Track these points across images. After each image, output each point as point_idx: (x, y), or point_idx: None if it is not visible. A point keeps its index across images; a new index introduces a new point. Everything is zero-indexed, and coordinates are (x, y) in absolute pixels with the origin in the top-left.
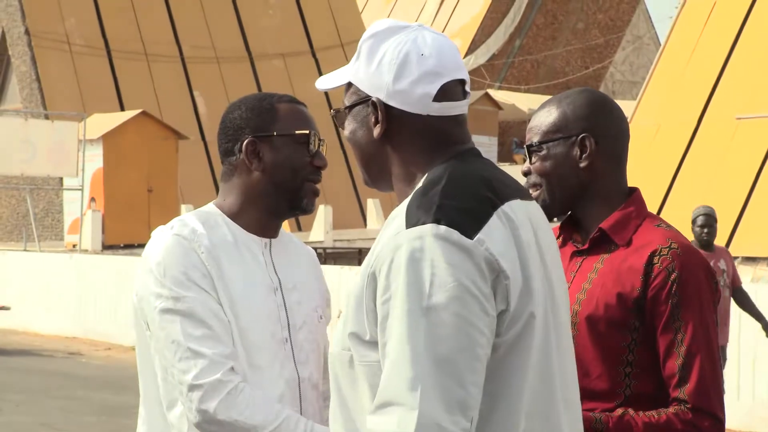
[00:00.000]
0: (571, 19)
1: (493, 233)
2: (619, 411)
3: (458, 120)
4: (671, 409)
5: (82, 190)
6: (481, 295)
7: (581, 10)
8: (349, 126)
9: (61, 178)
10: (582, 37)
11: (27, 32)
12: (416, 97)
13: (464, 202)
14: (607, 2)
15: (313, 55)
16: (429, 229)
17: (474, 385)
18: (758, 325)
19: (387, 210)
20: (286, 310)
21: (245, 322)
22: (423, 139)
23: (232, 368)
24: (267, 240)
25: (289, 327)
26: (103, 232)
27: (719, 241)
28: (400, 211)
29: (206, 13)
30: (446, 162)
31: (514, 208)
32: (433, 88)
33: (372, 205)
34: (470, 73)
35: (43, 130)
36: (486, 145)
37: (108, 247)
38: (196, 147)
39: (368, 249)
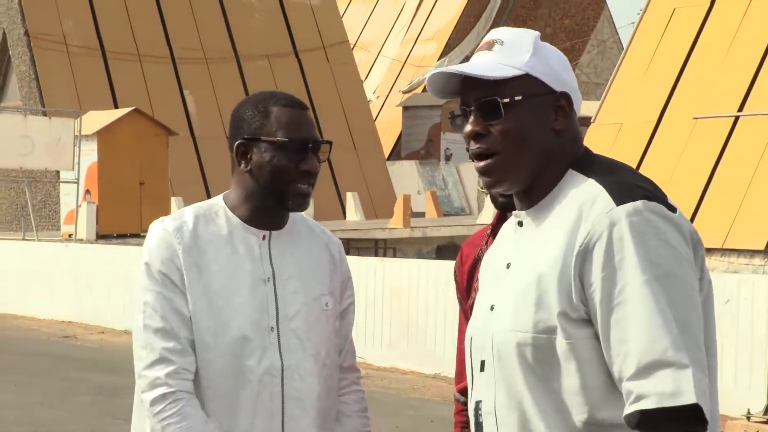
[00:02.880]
0: (539, 24)
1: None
2: None
3: None
4: None
5: (77, 183)
6: (692, 262)
7: (549, 16)
8: (520, 117)
9: (58, 172)
10: (549, 41)
11: (26, 34)
12: (578, 97)
13: (649, 183)
14: (573, 8)
15: (296, 56)
16: (642, 205)
17: (703, 344)
18: (721, 314)
19: (365, 203)
20: (276, 300)
21: (224, 312)
22: (577, 135)
23: (179, 370)
24: (266, 232)
25: (278, 316)
26: (97, 222)
27: None
28: (591, 193)
29: (196, 17)
30: (586, 152)
31: None
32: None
33: (351, 198)
34: None
35: (41, 127)
36: (461, 143)
37: (102, 236)
38: (186, 143)
39: (347, 239)
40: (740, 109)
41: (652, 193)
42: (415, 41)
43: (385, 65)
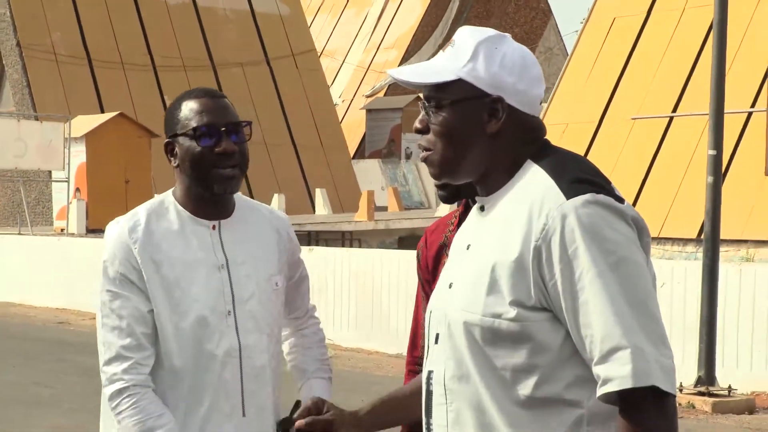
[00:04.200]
0: None
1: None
2: None
3: None
4: None
5: (68, 181)
6: (639, 244)
7: (500, 25)
8: (449, 118)
9: (50, 172)
10: None
11: (18, 45)
12: (530, 98)
13: (599, 176)
14: (522, 18)
15: (268, 64)
16: (590, 197)
17: (660, 317)
18: (657, 297)
19: (332, 198)
20: (231, 285)
21: (183, 302)
22: (527, 134)
23: (134, 365)
24: (216, 222)
25: (233, 300)
26: (86, 217)
27: None
28: (543, 188)
29: (174, 28)
30: (544, 148)
31: None
32: (542, 91)
33: (319, 194)
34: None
35: (34, 130)
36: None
37: (91, 230)
38: None
39: (317, 231)
40: (674, 110)
41: (600, 185)
42: (377, 49)
43: (349, 71)
